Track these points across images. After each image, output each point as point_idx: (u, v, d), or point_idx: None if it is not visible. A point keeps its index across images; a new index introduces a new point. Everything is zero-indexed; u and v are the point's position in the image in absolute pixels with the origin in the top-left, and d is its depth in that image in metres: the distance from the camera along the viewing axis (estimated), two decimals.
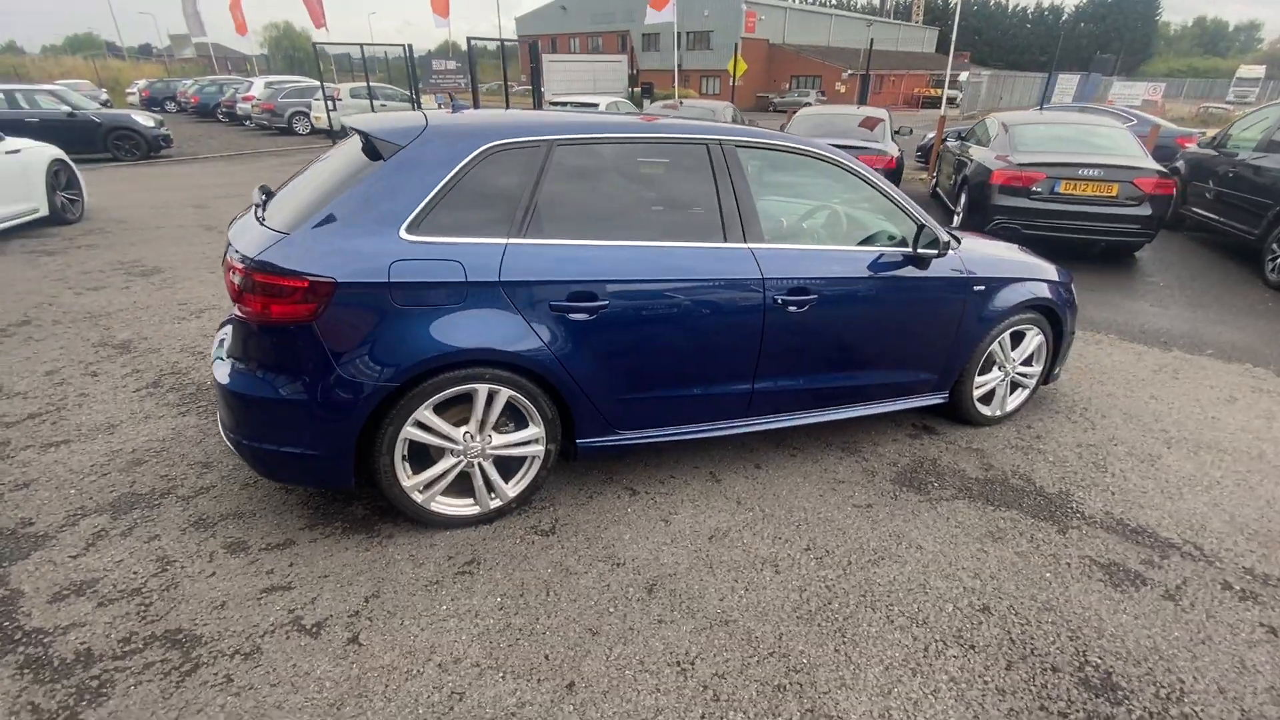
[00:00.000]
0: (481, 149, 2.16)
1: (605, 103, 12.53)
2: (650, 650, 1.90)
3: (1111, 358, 4.40)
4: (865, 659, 1.92)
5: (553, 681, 1.78)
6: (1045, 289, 3.24)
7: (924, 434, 3.32)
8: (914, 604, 2.16)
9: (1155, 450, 3.23)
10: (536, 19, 51.17)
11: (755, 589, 2.18)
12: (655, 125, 2.53)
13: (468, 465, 2.30)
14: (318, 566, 2.17)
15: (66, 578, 2.07)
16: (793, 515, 2.60)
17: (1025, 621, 2.11)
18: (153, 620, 1.91)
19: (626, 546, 2.35)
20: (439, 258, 2.06)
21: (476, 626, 1.95)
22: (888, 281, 2.79)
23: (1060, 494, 2.84)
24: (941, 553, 2.43)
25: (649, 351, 2.43)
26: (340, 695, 1.70)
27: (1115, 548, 2.50)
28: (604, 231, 2.32)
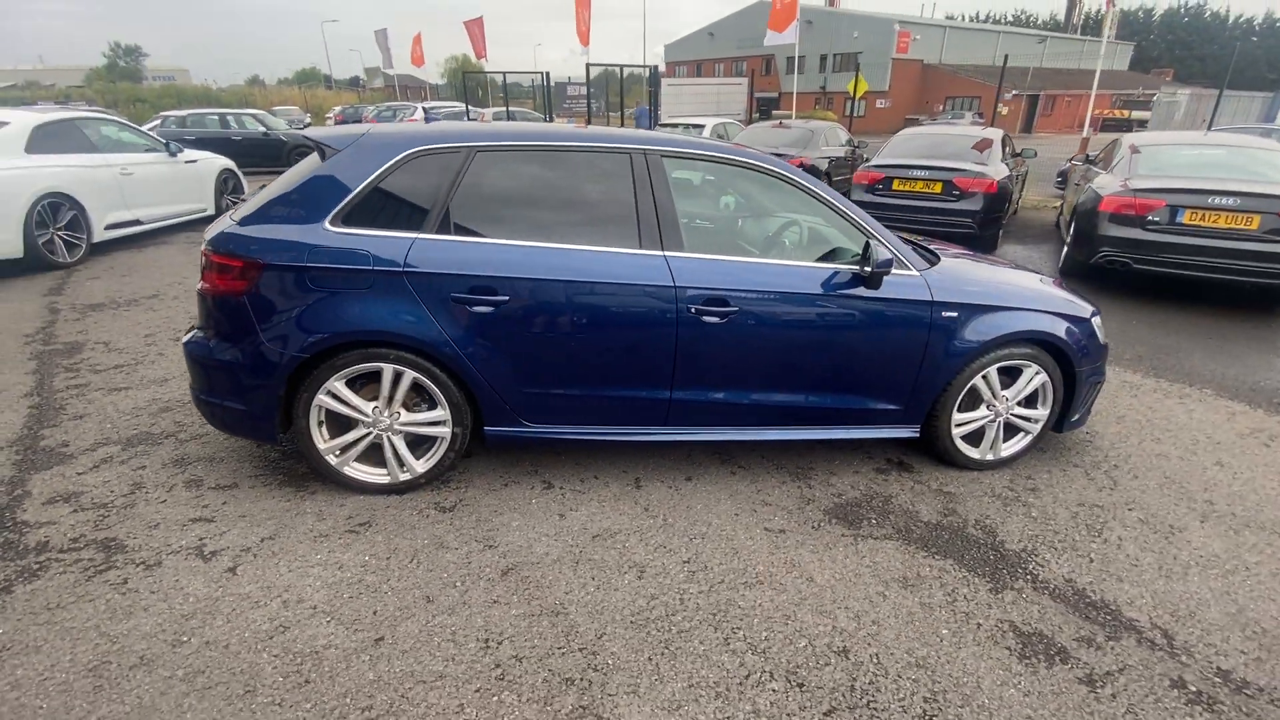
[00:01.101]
0: (405, 153, 2.42)
1: (713, 124, 12.69)
2: (469, 625, 2.00)
3: (1192, 414, 3.73)
4: (673, 673, 1.87)
5: (367, 633, 1.94)
6: (1048, 322, 2.87)
7: (894, 470, 3.06)
8: (764, 632, 2.04)
9: (1181, 522, 2.72)
10: (684, 46, 52.72)
11: (606, 589, 2.19)
12: (580, 134, 2.64)
13: (377, 437, 2.54)
14: (243, 508, 2.51)
15: (64, 487, 2.59)
16: (693, 528, 2.55)
17: (882, 673, 1.92)
18: (101, 529, 2.35)
19: (509, 533, 2.45)
20: (351, 247, 2.34)
21: (334, 577, 2.16)
22: (828, 299, 2.65)
23: (1021, 553, 2.50)
24: (831, 589, 2.26)
25: (553, 349, 2.53)
26: (194, 609, 1.99)
27: (1052, 618, 2.17)
28: (516, 232, 2.47)
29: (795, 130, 10.34)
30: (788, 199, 2.85)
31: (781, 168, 2.69)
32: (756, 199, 2.98)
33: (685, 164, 2.64)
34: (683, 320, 2.53)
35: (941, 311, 2.75)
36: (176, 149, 7.46)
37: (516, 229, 2.48)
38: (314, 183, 2.39)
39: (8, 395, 3.39)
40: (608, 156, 2.56)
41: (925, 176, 7.57)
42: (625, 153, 2.55)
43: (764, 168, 2.68)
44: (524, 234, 2.48)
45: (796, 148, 9.81)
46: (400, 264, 2.35)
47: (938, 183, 7.50)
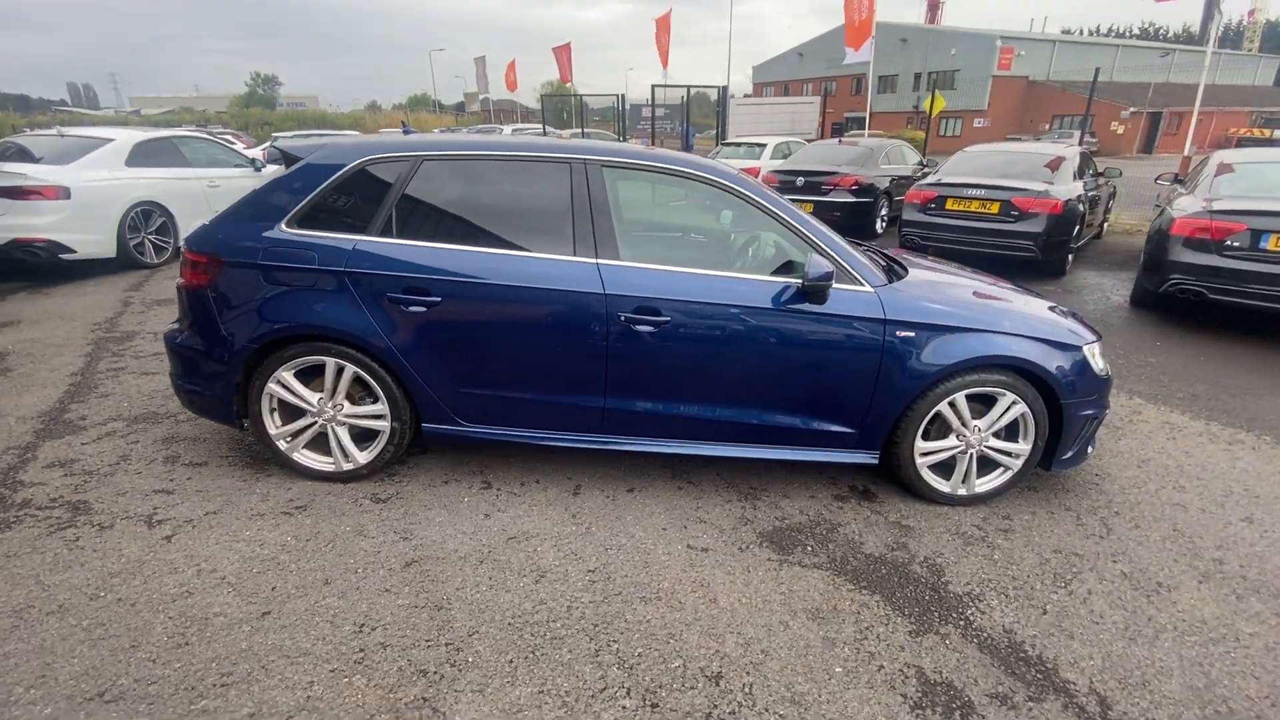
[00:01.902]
0: (358, 162, 2.59)
1: (774, 142, 12.56)
2: (352, 610, 2.07)
3: (1236, 463, 3.28)
4: (528, 678, 1.84)
5: (257, 607, 2.05)
6: (1025, 347, 2.63)
7: (855, 498, 2.89)
8: (640, 649, 1.98)
9: (1174, 581, 2.40)
10: (772, 67, 52.49)
11: (498, 590, 2.20)
12: (524, 144, 2.71)
13: (322, 427, 2.70)
14: (203, 484, 2.73)
15: (65, 455, 2.92)
16: (613, 539, 2.51)
17: (748, 704, 1.81)
18: (78, 491, 2.63)
19: (429, 528, 2.52)
20: (299, 248, 2.52)
21: (253, 553, 2.31)
22: (769, 313, 2.55)
23: (964, 596, 2.29)
24: (732, 612, 2.16)
25: (486, 351, 2.59)
26: (121, 569, 2.18)
27: (970, 669, 1.97)
28: (456, 237, 2.57)
29: (853, 148, 10.04)
30: (741, 210, 2.79)
31: (725, 178, 2.65)
32: (710, 210, 2.93)
33: (626, 174, 2.65)
34: (613, 328, 2.53)
35: (896, 331, 2.59)
36: (261, 165, 8.26)
37: (457, 234, 2.59)
38: (277, 188, 2.60)
39: (58, 373, 3.86)
40: (548, 166, 2.61)
41: (981, 196, 7.12)
42: (565, 162, 2.60)
43: (706, 177, 2.64)
44: (463, 239, 2.57)
45: (852, 165, 9.51)
46: (342, 264, 2.50)
47: (995, 202, 7.04)
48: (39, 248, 5.62)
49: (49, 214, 5.64)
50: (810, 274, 2.41)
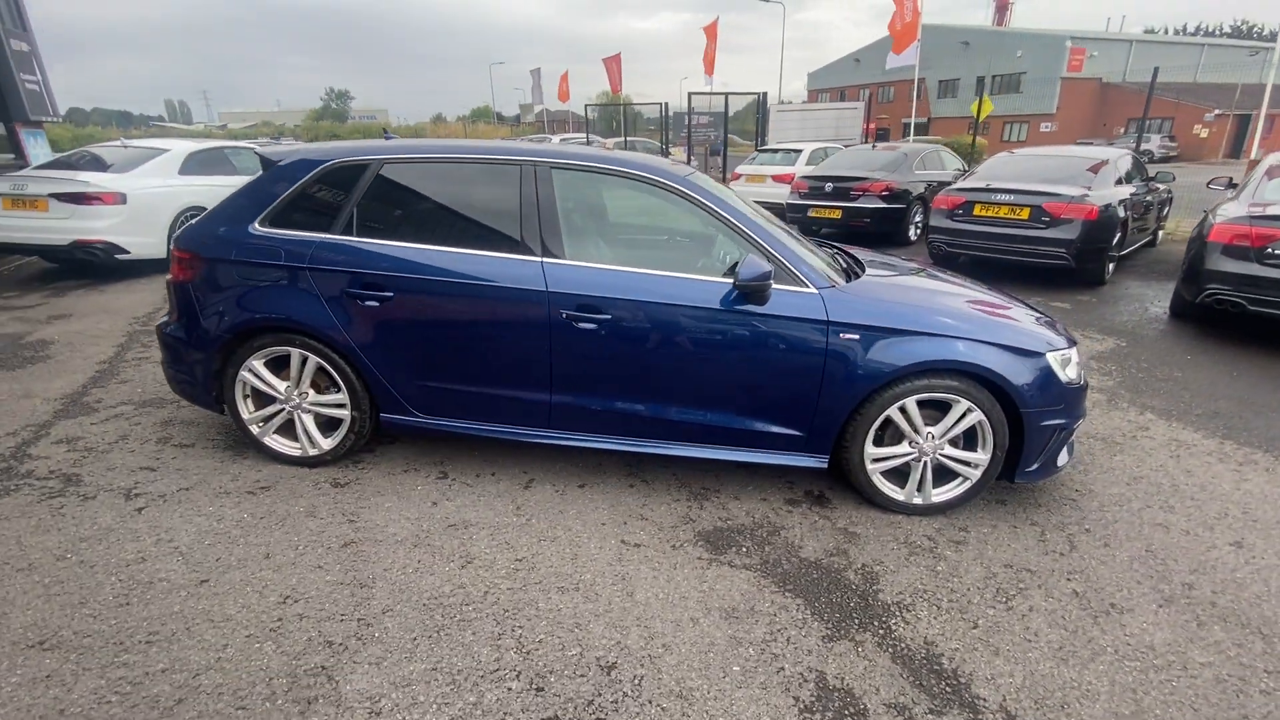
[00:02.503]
0: (324, 166, 2.75)
1: (811, 148, 12.39)
2: (282, 582, 2.19)
3: (1241, 485, 3.05)
4: (426, 655, 1.92)
5: (198, 574, 2.21)
6: (978, 352, 2.54)
7: (807, 502, 2.84)
8: (543, 636, 2.02)
9: (1130, 603, 2.26)
10: (828, 73, 51.65)
11: (423, 573, 2.29)
12: (479, 147, 2.82)
13: (289, 414, 2.87)
14: (185, 463, 2.95)
15: (73, 433, 3.21)
16: (550, 531, 2.57)
17: (633, 695, 1.82)
18: (75, 465, 2.89)
19: (377, 512, 2.64)
20: (268, 245, 2.70)
21: (209, 527, 2.48)
22: (710, 313, 2.56)
23: (892, 605, 2.23)
24: (645, 606, 2.17)
25: (437, 345, 2.71)
26: (90, 535, 2.40)
27: (874, 678, 1.92)
28: (412, 235, 2.70)
29: (887, 153, 9.80)
30: (691, 212, 2.81)
31: (669, 179, 2.67)
32: (661, 212, 2.95)
33: (573, 175, 2.71)
34: (555, 325, 2.60)
35: (839, 333, 2.55)
36: None
37: (412, 232, 2.71)
38: (253, 190, 2.80)
39: (89, 361, 4.24)
40: (500, 168, 2.71)
41: (1010, 201, 6.83)
42: (516, 164, 2.69)
43: (650, 178, 2.67)
44: (418, 237, 2.70)
45: (884, 171, 9.29)
46: (305, 261, 2.67)
47: (1024, 208, 6.73)
48: (97, 249, 6.16)
49: (107, 218, 6.18)
50: (741, 274, 2.41)
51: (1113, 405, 3.94)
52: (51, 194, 6.02)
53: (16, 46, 7.67)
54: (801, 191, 9.77)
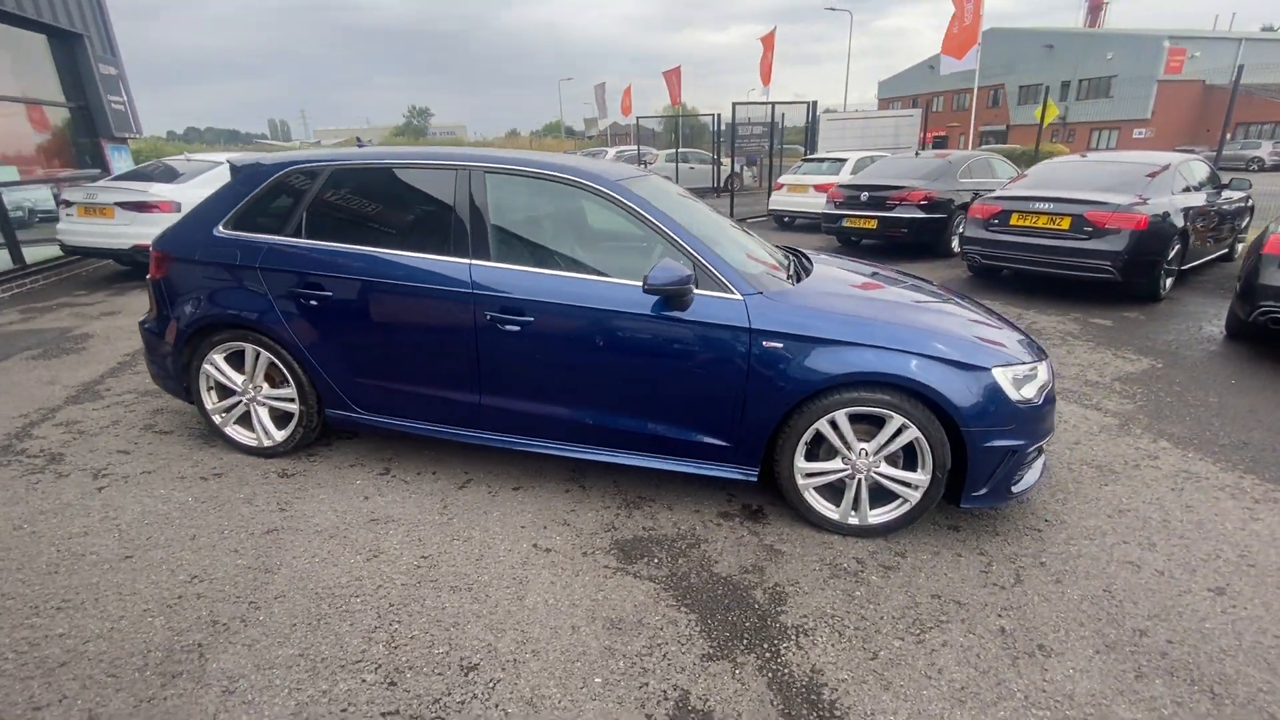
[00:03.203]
0: (281, 173, 2.91)
1: (856, 157, 12.03)
2: (195, 562, 2.31)
3: (1250, 525, 2.72)
4: (299, 642, 1.97)
5: (125, 550, 2.36)
6: (911, 365, 2.37)
7: (741, 516, 2.74)
8: (417, 632, 2.04)
9: (1063, 647, 2.05)
10: (900, 81, 50.03)
11: (328, 563, 2.35)
12: (421, 153, 2.89)
13: (246, 406, 3.03)
14: (158, 448, 3.17)
15: (76, 417, 3.52)
16: (466, 531, 2.59)
17: (483, 697, 1.80)
18: (64, 446, 3.16)
19: (309, 503, 2.74)
20: (225, 247, 2.88)
21: (154, 508, 2.65)
22: (631, 318, 2.52)
23: (790, 629, 2.11)
24: (531, 611, 2.15)
25: (372, 344, 2.79)
26: (50, 509, 2.61)
27: (743, 702, 1.82)
28: (352, 237, 2.80)
29: (930, 161, 9.37)
30: (621, 215, 2.77)
31: (596, 182, 2.65)
32: (601, 216, 2.91)
33: (503, 179, 2.74)
34: (481, 326, 2.63)
35: (762, 341, 2.45)
36: None
37: (355, 235, 2.82)
38: (221, 195, 3.00)
39: (116, 353, 4.64)
40: (436, 173, 2.78)
41: (1049, 209, 6.38)
42: (451, 169, 2.75)
43: (578, 181, 2.67)
44: (360, 239, 2.80)
45: (925, 179, 8.89)
46: (257, 262, 2.83)
47: (1064, 217, 6.27)
48: None
49: (164, 224, 6.74)
50: (650, 277, 2.36)
51: (1124, 431, 3.59)
52: (117, 202, 6.65)
53: (105, 71, 8.55)
54: (837, 201, 9.49)
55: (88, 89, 8.39)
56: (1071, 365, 4.63)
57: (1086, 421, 3.71)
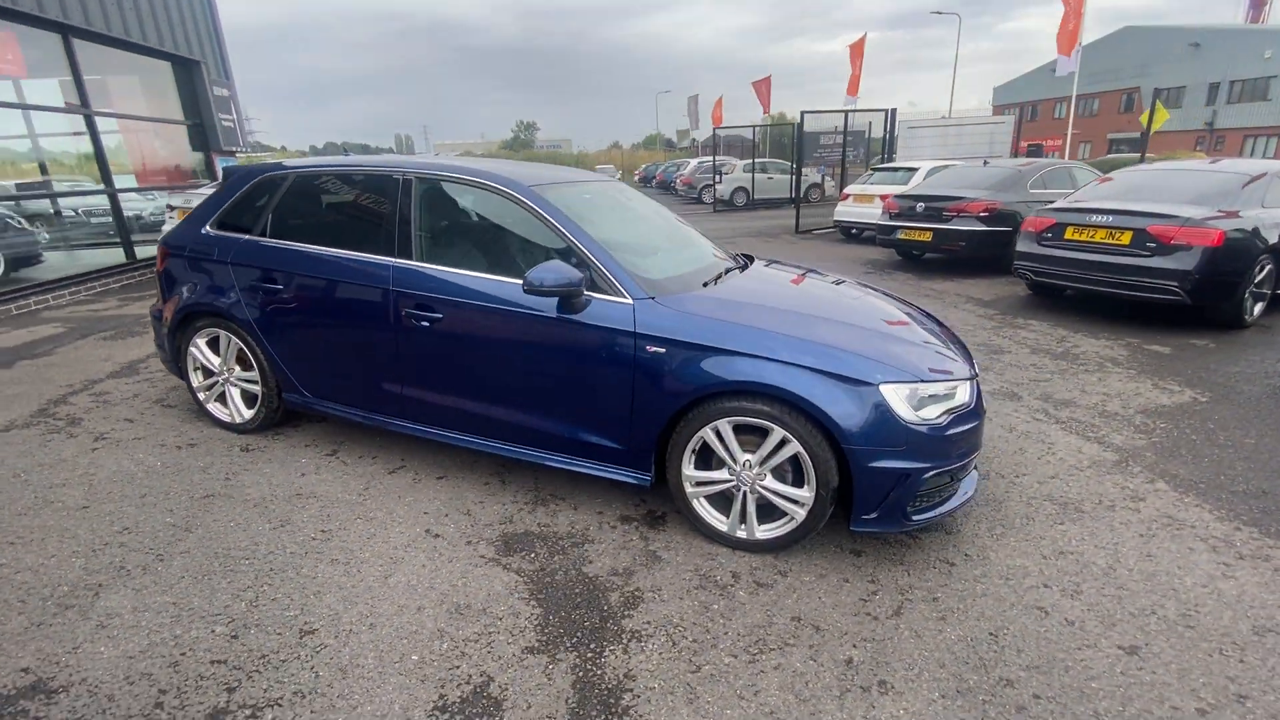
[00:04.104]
0: (259, 178, 3.26)
1: (929, 166, 11.42)
2: (133, 516, 2.65)
3: (1215, 583, 2.38)
4: (177, 592, 2.21)
5: (85, 500, 2.73)
6: (793, 376, 2.28)
7: (640, 521, 2.74)
8: (280, 595, 2.22)
9: (907, 686, 1.92)
10: (1018, 86, 46.52)
11: (239, 527, 2.60)
12: (367, 160, 3.12)
13: (223, 386, 3.40)
14: (155, 421, 3.62)
15: (109, 389, 4.07)
16: (373, 513, 2.76)
17: (302, 659, 1.95)
18: (87, 412, 3.68)
19: (251, 475, 3.03)
20: (209, 243, 3.26)
21: (127, 468, 3.04)
22: (524, 318, 2.61)
23: (624, 632, 2.11)
24: (390, 588, 2.28)
25: (313, 335, 3.06)
26: (47, 462, 3.07)
27: (538, 696, 1.85)
28: (306, 237, 3.09)
29: (999, 170, 8.71)
30: (508, 215, 2.86)
31: (509, 186, 2.75)
32: (511, 218, 2.96)
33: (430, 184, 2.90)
34: (399, 321, 2.81)
35: (646, 345, 2.46)
36: None
37: (308, 234, 3.10)
38: (213, 198, 3.40)
39: None
40: (381, 179, 3.00)
41: (1108, 223, 5.78)
42: (386, 174, 2.97)
43: (494, 186, 2.78)
44: (310, 239, 3.08)
45: (990, 190, 8.29)
46: (229, 258, 3.18)
47: (1125, 231, 5.65)
48: None
49: None
50: (529, 275, 2.42)
51: (1118, 468, 3.22)
52: None
53: (218, 93, 9.78)
54: (892, 212, 9.04)
55: (202, 108, 9.64)
56: (1095, 394, 4.19)
57: (1078, 455, 3.35)
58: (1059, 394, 4.21)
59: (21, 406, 3.82)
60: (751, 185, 21.14)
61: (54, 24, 6.89)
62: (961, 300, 7.03)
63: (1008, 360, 4.91)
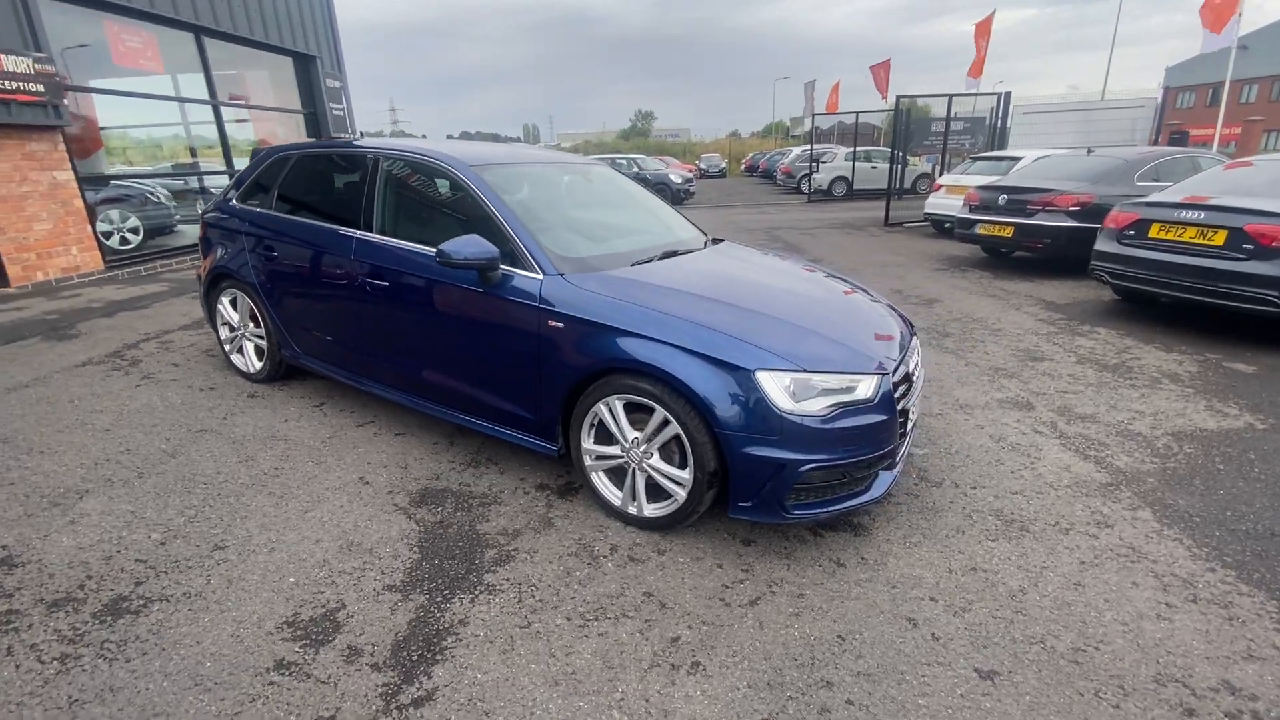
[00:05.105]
0: (274, 157, 3.69)
1: (1034, 155, 10.34)
2: (126, 441, 3.15)
3: (1149, 623, 2.14)
4: (137, 502, 2.62)
5: (108, 426, 3.28)
6: (667, 355, 2.28)
7: (555, 490, 2.85)
8: (213, 515, 2.57)
9: (720, 671, 1.91)
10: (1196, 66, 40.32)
11: (212, 457, 3.01)
12: (356, 143, 3.41)
13: (239, 341, 3.90)
14: (196, 367, 4.20)
15: (175, 338, 4.77)
16: (323, 459, 3.06)
17: (203, 568, 2.27)
18: (148, 356, 4.36)
19: (245, 417, 3.47)
20: (232, 214, 3.74)
21: (154, 402, 3.59)
22: (451, 288, 2.78)
23: (479, 585, 2.24)
24: (302, 520, 2.56)
25: (299, 297, 3.43)
26: (96, 393, 3.70)
27: (370, 627, 2.04)
28: (300, 210, 3.47)
29: (1103, 160, 7.74)
30: (455, 193, 3.02)
31: (453, 165, 2.92)
32: (459, 195, 3.11)
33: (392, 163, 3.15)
34: (358, 288, 3.10)
35: (548, 320, 2.55)
36: None
37: (303, 208, 3.48)
38: (242, 174, 3.88)
39: None
40: (357, 158, 3.30)
41: (1199, 220, 5.02)
42: (361, 154, 3.26)
43: (439, 165, 2.97)
44: (302, 211, 3.45)
45: (1086, 182, 7.42)
46: (244, 226, 3.64)
47: (1219, 230, 4.89)
48: None
49: None
50: (440, 248, 2.57)
51: (1103, 491, 2.88)
52: None
53: (330, 84, 10.87)
54: (972, 204, 8.32)
55: (316, 99, 10.77)
56: (1126, 411, 3.72)
57: (1061, 473, 3.03)
58: (1081, 408, 3.78)
59: (103, 348, 4.60)
60: (852, 174, 20.15)
61: (188, 25, 8.01)
62: (1028, 302, 6.40)
63: (1042, 368, 4.46)
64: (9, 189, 6.15)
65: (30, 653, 1.90)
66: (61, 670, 1.84)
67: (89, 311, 5.67)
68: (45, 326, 5.16)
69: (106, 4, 7.07)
